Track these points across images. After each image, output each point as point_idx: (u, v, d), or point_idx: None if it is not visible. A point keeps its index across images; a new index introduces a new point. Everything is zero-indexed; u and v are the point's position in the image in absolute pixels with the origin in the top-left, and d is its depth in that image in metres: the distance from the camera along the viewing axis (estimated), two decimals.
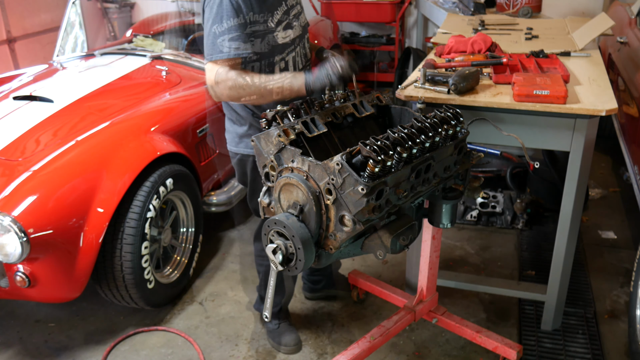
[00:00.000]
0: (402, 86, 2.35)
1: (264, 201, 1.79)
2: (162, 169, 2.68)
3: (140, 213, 2.52)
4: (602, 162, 4.33)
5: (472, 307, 2.79)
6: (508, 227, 3.46)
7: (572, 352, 2.50)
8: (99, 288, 2.61)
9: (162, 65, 3.47)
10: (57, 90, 3.09)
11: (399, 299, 2.58)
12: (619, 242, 3.32)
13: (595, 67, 2.64)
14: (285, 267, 1.62)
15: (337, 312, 2.79)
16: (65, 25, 3.87)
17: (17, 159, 2.49)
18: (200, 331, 2.69)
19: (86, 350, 2.59)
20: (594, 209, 3.67)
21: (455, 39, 2.77)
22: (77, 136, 2.61)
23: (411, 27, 6.01)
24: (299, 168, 1.62)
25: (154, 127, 2.80)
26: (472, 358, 2.49)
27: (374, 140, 1.53)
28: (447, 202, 1.92)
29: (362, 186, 1.49)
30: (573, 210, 2.33)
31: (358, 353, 2.24)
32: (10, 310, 2.86)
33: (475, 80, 2.29)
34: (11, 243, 2.21)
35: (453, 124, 1.76)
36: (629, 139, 3.30)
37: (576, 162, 2.24)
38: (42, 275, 2.31)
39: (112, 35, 4.35)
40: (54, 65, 3.65)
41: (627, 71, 3.49)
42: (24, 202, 2.26)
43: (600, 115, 2.10)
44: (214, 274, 3.11)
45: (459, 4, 4.35)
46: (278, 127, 1.70)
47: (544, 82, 2.17)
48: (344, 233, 1.58)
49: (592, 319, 2.69)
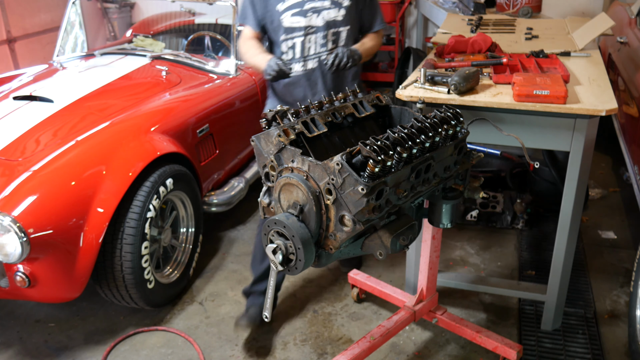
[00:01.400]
0: (402, 86, 2.35)
1: (264, 201, 1.79)
2: (162, 169, 2.68)
3: (140, 213, 2.52)
4: (602, 162, 4.33)
5: (472, 307, 2.79)
6: (508, 227, 3.46)
7: (572, 352, 2.50)
8: (99, 288, 2.61)
9: (162, 65, 3.47)
10: (57, 90, 3.09)
11: (399, 299, 2.58)
12: (619, 242, 3.32)
13: (595, 67, 2.64)
14: (285, 267, 1.62)
15: (337, 312, 2.79)
16: (65, 25, 3.87)
17: (17, 159, 2.49)
18: (200, 331, 2.69)
19: (86, 350, 2.59)
20: (594, 209, 3.67)
21: (455, 39, 2.77)
22: (77, 136, 2.61)
23: (411, 27, 6.01)
24: (299, 168, 1.62)
25: (154, 127, 2.80)
26: (472, 358, 2.49)
27: (374, 140, 1.53)
28: (447, 202, 1.92)
29: (362, 186, 1.49)
30: (573, 210, 2.33)
31: (358, 353, 2.24)
32: (10, 310, 2.86)
33: (475, 80, 2.29)
34: (11, 243, 2.21)
35: (453, 124, 1.76)
36: (629, 139, 3.30)
37: (576, 162, 2.24)
38: (42, 275, 2.31)
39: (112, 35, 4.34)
40: (54, 65, 3.65)
41: (627, 71, 3.49)
42: (24, 202, 2.26)
43: (600, 115, 2.10)
44: (214, 274, 3.11)
45: (459, 4, 4.35)
46: (278, 127, 1.70)
47: (544, 82, 2.17)
48: (344, 233, 1.58)
49: (592, 319, 2.69)
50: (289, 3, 2.39)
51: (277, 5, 2.40)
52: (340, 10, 2.42)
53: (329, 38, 2.44)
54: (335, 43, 2.46)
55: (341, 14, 2.42)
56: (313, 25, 2.41)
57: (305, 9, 2.39)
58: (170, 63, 3.52)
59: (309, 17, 2.40)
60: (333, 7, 2.41)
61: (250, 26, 2.48)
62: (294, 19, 2.40)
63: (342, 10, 2.43)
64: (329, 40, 2.44)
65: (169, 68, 3.42)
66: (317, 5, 2.40)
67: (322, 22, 2.41)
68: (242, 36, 2.51)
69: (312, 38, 2.43)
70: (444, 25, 3.64)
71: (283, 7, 2.40)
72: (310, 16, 2.40)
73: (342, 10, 2.42)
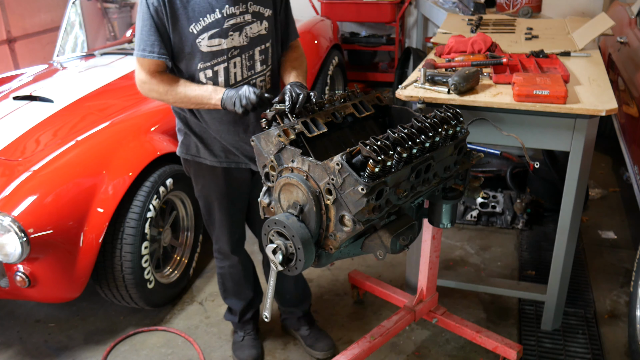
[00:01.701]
0: (402, 86, 2.35)
1: (264, 201, 1.79)
2: (162, 169, 2.68)
3: (140, 213, 2.52)
4: (602, 162, 4.33)
5: (472, 307, 2.79)
6: (508, 227, 3.46)
7: (572, 352, 2.50)
8: (99, 288, 2.61)
9: None
10: (57, 90, 3.09)
11: (399, 299, 2.58)
12: (619, 242, 3.32)
13: (595, 67, 2.64)
14: (285, 267, 1.62)
15: (337, 312, 2.79)
16: (65, 25, 3.87)
17: (17, 159, 2.49)
18: (200, 331, 2.69)
19: (86, 350, 2.59)
20: (594, 209, 3.67)
21: (455, 39, 2.77)
22: (77, 136, 2.61)
23: (411, 27, 6.01)
24: (299, 168, 1.62)
25: (154, 127, 2.80)
26: (472, 358, 2.49)
27: (374, 140, 1.53)
28: (447, 202, 1.92)
29: (362, 186, 1.49)
30: (573, 210, 2.33)
31: (358, 353, 2.24)
32: (10, 310, 2.86)
33: (475, 80, 2.29)
34: (11, 243, 2.21)
35: (453, 124, 1.76)
36: (629, 139, 3.30)
37: (576, 162, 2.23)
38: (42, 275, 2.31)
39: (112, 35, 4.34)
40: (54, 65, 3.65)
41: (627, 71, 3.49)
42: (24, 202, 2.26)
43: (600, 115, 2.10)
44: (214, 274, 3.11)
45: (459, 4, 4.35)
46: (278, 127, 1.70)
47: (544, 82, 2.17)
48: (344, 233, 1.58)
49: (592, 319, 2.69)
50: (204, 23, 1.91)
51: (189, 26, 1.91)
52: (263, 22, 2.02)
53: (256, 58, 2.03)
54: (264, 63, 2.06)
55: (264, 27, 2.02)
56: (237, 46, 1.97)
57: (225, 28, 1.93)
58: None
59: (231, 37, 1.95)
60: (255, 21, 1.99)
61: (156, 57, 1.91)
62: (213, 42, 1.93)
63: (265, 23, 2.02)
64: (256, 61, 2.04)
65: None
66: (238, 21, 1.96)
67: (246, 41, 1.99)
68: (144, 73, 1.95)
69: (237, 61, 1.99)
70: (444, 25, 3.64)
71: (197, 28, 1.91)
72: (232, 35, 1.95)
73: (264, 23, 2.02)
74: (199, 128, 2.11)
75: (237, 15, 1.95)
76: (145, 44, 1.91)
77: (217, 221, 2.26)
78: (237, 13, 1.94)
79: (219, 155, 2.13)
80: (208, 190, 2.21)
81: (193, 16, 1.90)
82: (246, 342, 2.52)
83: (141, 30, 1.91)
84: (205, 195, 2.23)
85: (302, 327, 2.56)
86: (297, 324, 2.57)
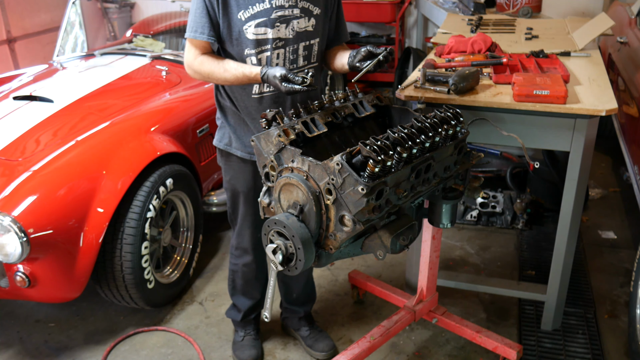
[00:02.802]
0: (402, 86, 2.36)
1: (264, 201, 1.79)
2: (162, 169, 2.68)
3: (140, 213, 2.52)
4: (602, 162, 4.33)
5: (472, 307, 2.79)
6: (508, 227, 3.46)
7: (572, 352, 2.50)
8: (99, 288, 2.61)
9: (162, 65, 3.47)
10: (57, 90, 3.09)
11: (399, 299, 2.58)
12: (619, 242, 3.32)
13: (595, 67, 2.64)
14: (285, 267, 1.62)
15: (337, 312, 2.79)
16: (65, 25, 3.87)
17: (17, 159, 2.49)
18: (200, 331, 2.69)
19: (86, 350, 2.59)
20: (594, 209, 3.67)
21: (455, 39, 2.77)
22: (77, 136, 2.61)
23: (411, 27, 6.01)
24: (299, 168, 1.62)
25: (154, 127, 2.80)
26: (472, 358, 2.49)
27: (374, 140, 1.53)
28: (447, 202, 1.92)
29: (362, 186, 1.49)
30: (573, 210, 2.33)
31: (358, 353, 2.24)
32: (10, 310, 2.86)
33: (475, 80, 2.29)
34: (11, 243, 2.21)
35: (453, 124, 1.76)
36: (629, 139, 3.30)
37: (576, 162, 2.24)
38: (42, 275, 2.31)
39: (112, 35, 4.34)
40: (54, 65, 3.65)
41: (627, 71, 3.49)
42: (24, 202, 2.26)
43: (600, 115, 2.10)
44: (214, 274, 3.11)
45: (459, 4, 4.35)
46: (278, 127, 1.70)
47: (544, 82, 2.17)
48: (344, 233, 1.58)
49: (592, 319, 2.69)
50: (253, 11, 1.99)
51: (238, 13, 1.99)
52: (311, 19, 2.06)
53: (300, 53, 2.08)
54: (307, 59, 2.11)
55: (311, 24, 2.06)
56: (282, 38, 2.03)
57: (272, 18, 1.99)
58: (170, 63, 3.52)
59: (277, 28, 2.01)
60: (303, 16, 2.04)
61: (206, 39, 2.01)
62: (259, 30, 2.00)
63: (313, 20, 2.06)
64: (299, 56, 2.08)
65: (169, 68, 3.42)
66: (286, 13, 2.01)
67: (292, 34, 2.04)
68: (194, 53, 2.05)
69: (280, 53, 2.04)
70: (444, 25, 3.64)
71: (246, 15, 1.99)
72: (279, 27, 2.01)
73: (312, 20, 2.06)
74: (234, 119, 2.17)
75: (285, 8, 2.02)
76: (197, 25, 2.00)
77: (240, 215, 2.29)
78: (285, 6, 2.01)
79: (250, 148, 2.15)
80: (235, 183, 2.24)
81: (243, 3, 1.98)
82: (246, 342, 2.52)
83: (194, 14, 2.01)
84: (232, 188, 2.26)
85: (302, 327, 2.56)
86: (297, 324, 2.57)
